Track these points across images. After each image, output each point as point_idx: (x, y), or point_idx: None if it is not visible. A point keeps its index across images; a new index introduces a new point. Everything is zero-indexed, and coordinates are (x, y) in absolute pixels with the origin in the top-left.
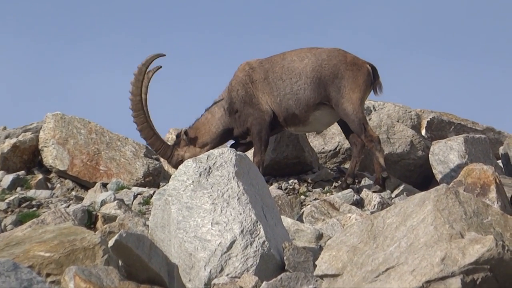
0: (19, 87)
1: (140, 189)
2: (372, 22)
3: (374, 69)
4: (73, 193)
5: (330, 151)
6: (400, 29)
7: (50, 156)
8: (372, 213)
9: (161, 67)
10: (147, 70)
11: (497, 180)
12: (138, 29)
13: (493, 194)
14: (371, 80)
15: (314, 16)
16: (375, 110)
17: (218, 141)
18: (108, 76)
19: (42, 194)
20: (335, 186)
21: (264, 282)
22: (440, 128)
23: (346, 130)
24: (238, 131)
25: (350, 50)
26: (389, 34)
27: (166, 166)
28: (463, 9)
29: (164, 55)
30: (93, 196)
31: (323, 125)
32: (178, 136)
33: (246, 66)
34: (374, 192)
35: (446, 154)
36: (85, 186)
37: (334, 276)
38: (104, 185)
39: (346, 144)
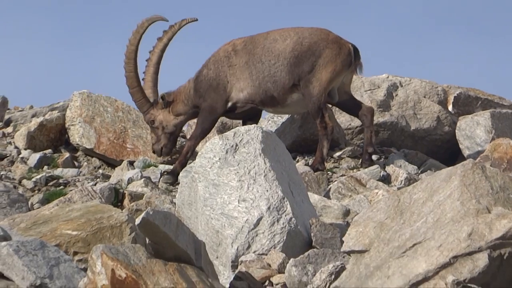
0: (45, 66)
1: (167, 166)
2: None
3: (355, 49)
4: (100, 171)
5: (357, 127)
6: (425, 6)
7: (77, 134)
8: (399, 188)
9: (197, 19)
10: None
11: None
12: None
13: None
14: (351, 61)
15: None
16: (401, 86)
17: (192, 114)
18: None
19: (69, 173)
20: (361, 162)
21: (291, 259)
22: (467, 104)
23: (350, 109)
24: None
25: (375, 31)
26: (415, 11)
27: None
28: None
29: (167, 21)
30: (120, 174)
31: (302, 107)
32: (163, 97)
33: (230, 48)
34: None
35: (472, 129)
36: (112, 164)
37: (361, 252)
38: (131, 163)
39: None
